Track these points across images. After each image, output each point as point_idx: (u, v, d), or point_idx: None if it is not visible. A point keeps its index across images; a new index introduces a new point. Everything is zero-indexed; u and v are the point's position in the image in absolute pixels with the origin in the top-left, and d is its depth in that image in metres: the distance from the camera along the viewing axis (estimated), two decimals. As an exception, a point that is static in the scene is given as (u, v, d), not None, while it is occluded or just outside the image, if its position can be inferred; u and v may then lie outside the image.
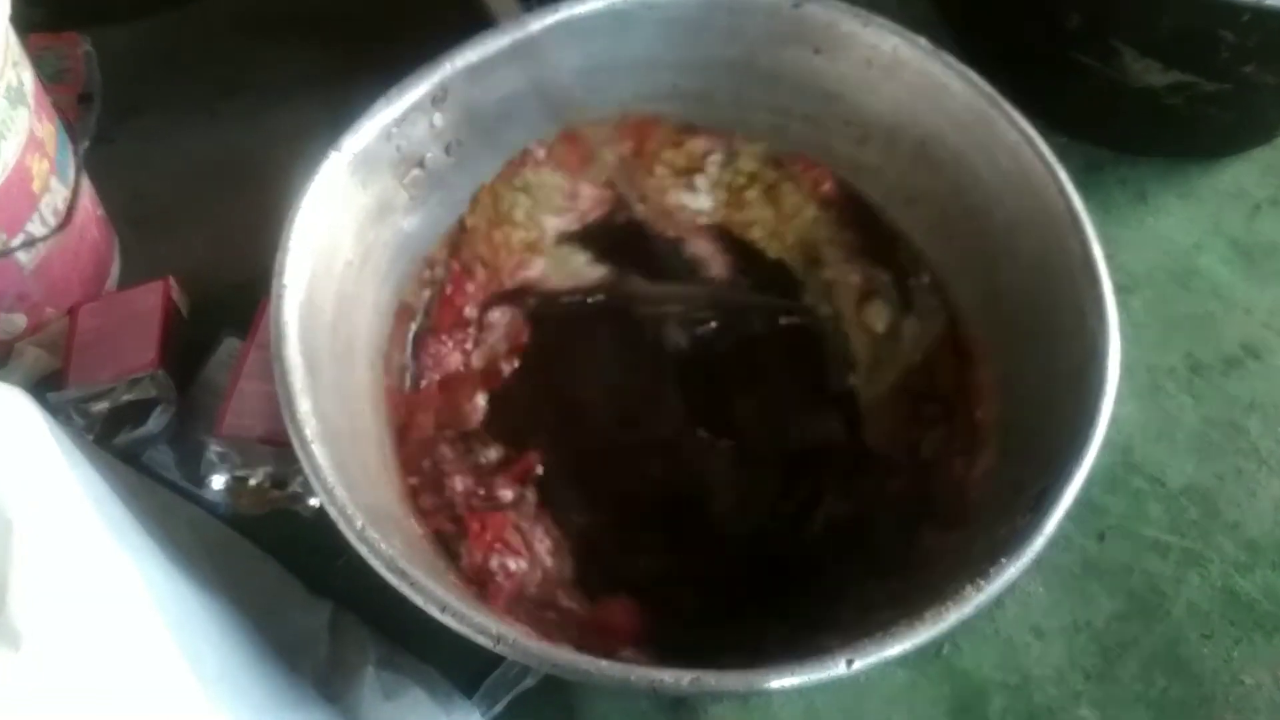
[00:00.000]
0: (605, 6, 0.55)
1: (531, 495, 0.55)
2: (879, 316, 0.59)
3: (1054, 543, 0.43)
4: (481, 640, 0.40)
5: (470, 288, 0.59)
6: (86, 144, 0.66)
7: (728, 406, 0.60)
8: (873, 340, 0.59)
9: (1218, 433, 0.65)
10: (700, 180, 0.62)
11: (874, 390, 0.59)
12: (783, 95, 0.59)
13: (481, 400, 0.58)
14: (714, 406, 0.60)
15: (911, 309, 0.59)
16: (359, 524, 0.42)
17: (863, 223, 0.60)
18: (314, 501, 0.56)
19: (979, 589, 0.41)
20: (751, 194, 0.62)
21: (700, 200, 0.62)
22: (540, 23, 0.54)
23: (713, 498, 0.57)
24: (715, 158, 0.62)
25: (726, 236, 0.62)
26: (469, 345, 0.59)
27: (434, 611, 0.41)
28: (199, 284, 0.64)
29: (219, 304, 0.63)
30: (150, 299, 0.60)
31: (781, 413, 0.60)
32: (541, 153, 0.60)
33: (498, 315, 0.60)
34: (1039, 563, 0.43)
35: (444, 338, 0.58)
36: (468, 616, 0.41)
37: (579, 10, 0.55)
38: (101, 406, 0.57)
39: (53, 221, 0.58)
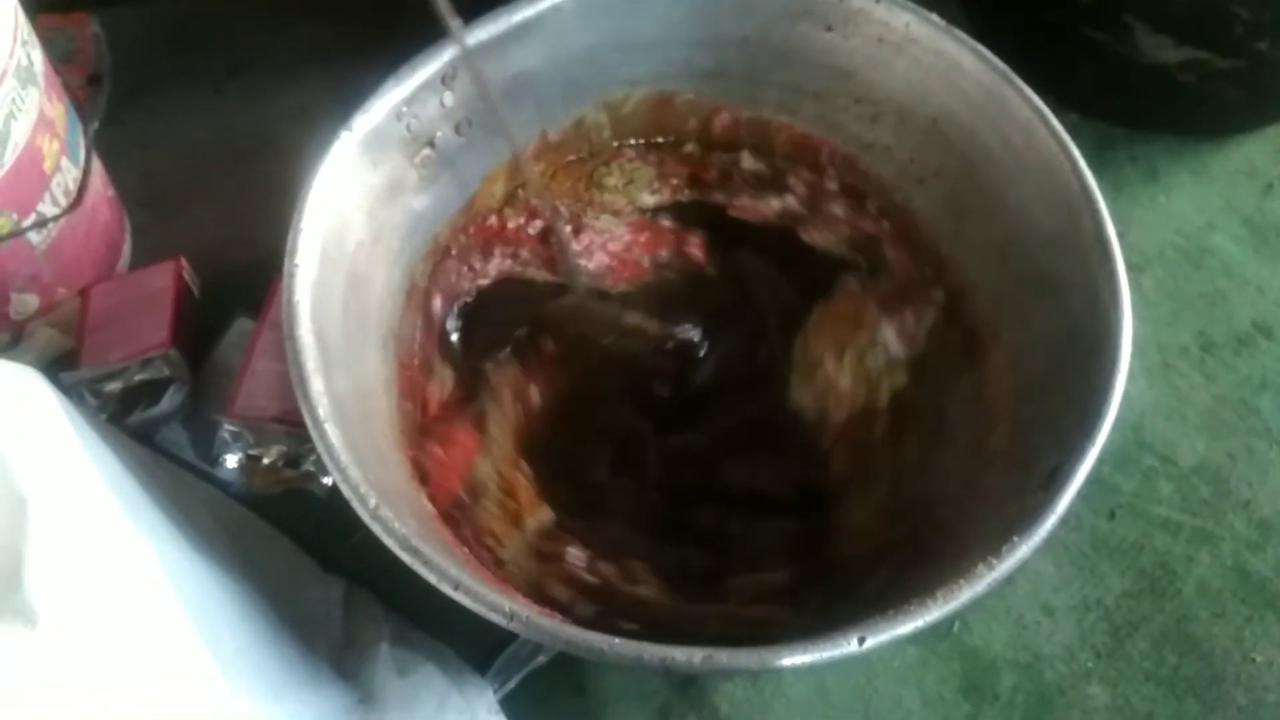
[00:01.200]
0: (616, -17, 0.55)
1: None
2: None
3: (1064, 521, 0.43)
4: (494, 617, 0.40)
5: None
6: (96, 125, 0.66)
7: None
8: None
9: (1229, 411, 0.65)
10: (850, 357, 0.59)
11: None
12: (794, 72, 0.59)
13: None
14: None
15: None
16: (372, 502, 0.42)
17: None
18: (327, 480, 0.57)
19: (991, 567, 0.41)
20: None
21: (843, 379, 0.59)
22: (550, 1, 0.54)
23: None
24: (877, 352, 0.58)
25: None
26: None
27: (447, 589, 0.41)
28: (210, 264, 0.64)
29: (230, 284, 0.63)
30: (162, 279, 0.61)
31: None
32: (554, 136, 0.60)
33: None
34: (1049, 541, 0.43)
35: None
36: (481, 594, 0.41)
37: (590, -13, 0.55)
38: (114, 386, 0.57)
39: (64, 202, 0.58)
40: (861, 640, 0.40)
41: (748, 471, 0.58)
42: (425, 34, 0.53)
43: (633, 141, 0.63)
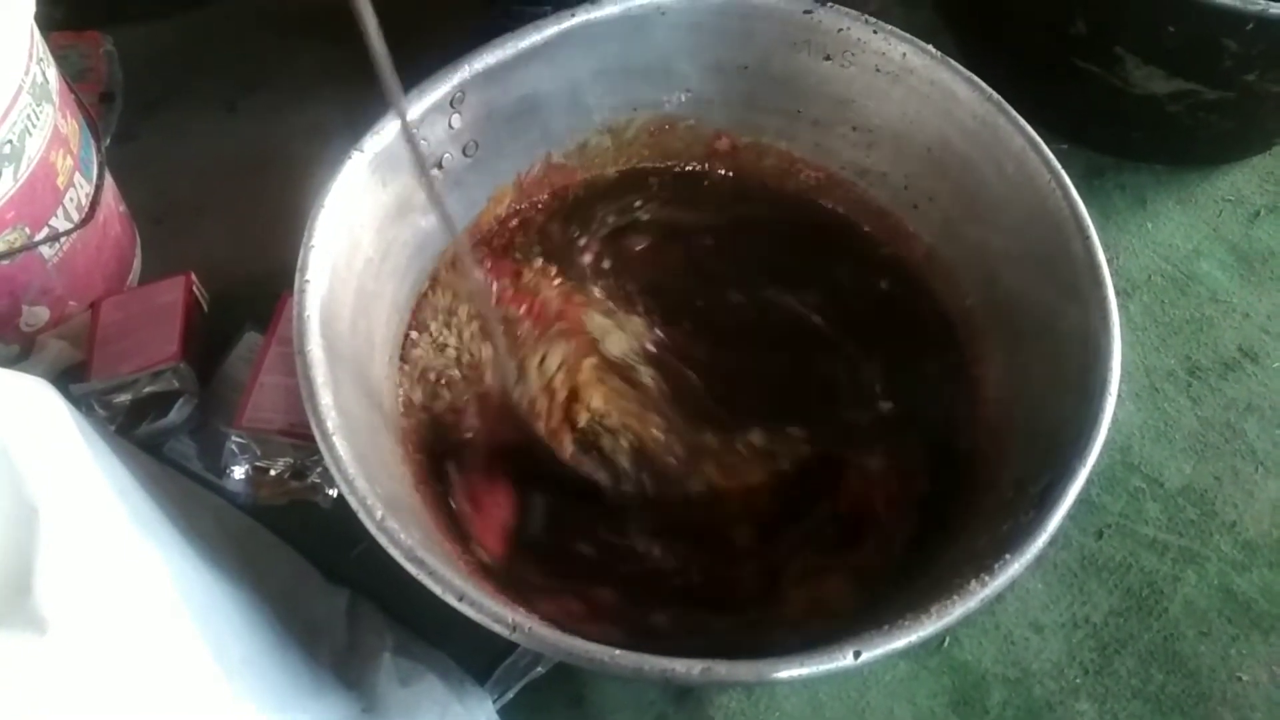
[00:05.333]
0: (621, 12, 0.56)
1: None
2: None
3: (1054, 540, 0.44)
4: (497, 628, 0.41)
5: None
6: (108, 141, 0.67)
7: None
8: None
9: (1215, 434, 0.67)
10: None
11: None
12: (793, 100, 0.60)
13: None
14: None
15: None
16: (379, 514, 0.43)
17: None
18: (332, 492, 0.57)
19: (983, 583, 0.42)
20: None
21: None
22: (557, 27, 0.55)
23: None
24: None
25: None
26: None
27: (451, 600, 0.41)
28: (219, 279, 0.65)
29: (239, 299, 0.64)
30: (172, 293, 0.61)
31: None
32: (558, 158, 0.61)
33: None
34: (1039, 559, 0.44)
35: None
36: (485, 605, 0.41)
37: (595, 15, 0.56)
38: (124, 398, 0.58)
39: (76, 216, 0.59)
40: (857, 654, 0.41)
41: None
42: (435, 58, 0.54)
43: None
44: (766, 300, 0.62)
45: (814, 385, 0.59)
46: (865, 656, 0.41)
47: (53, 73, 0.57)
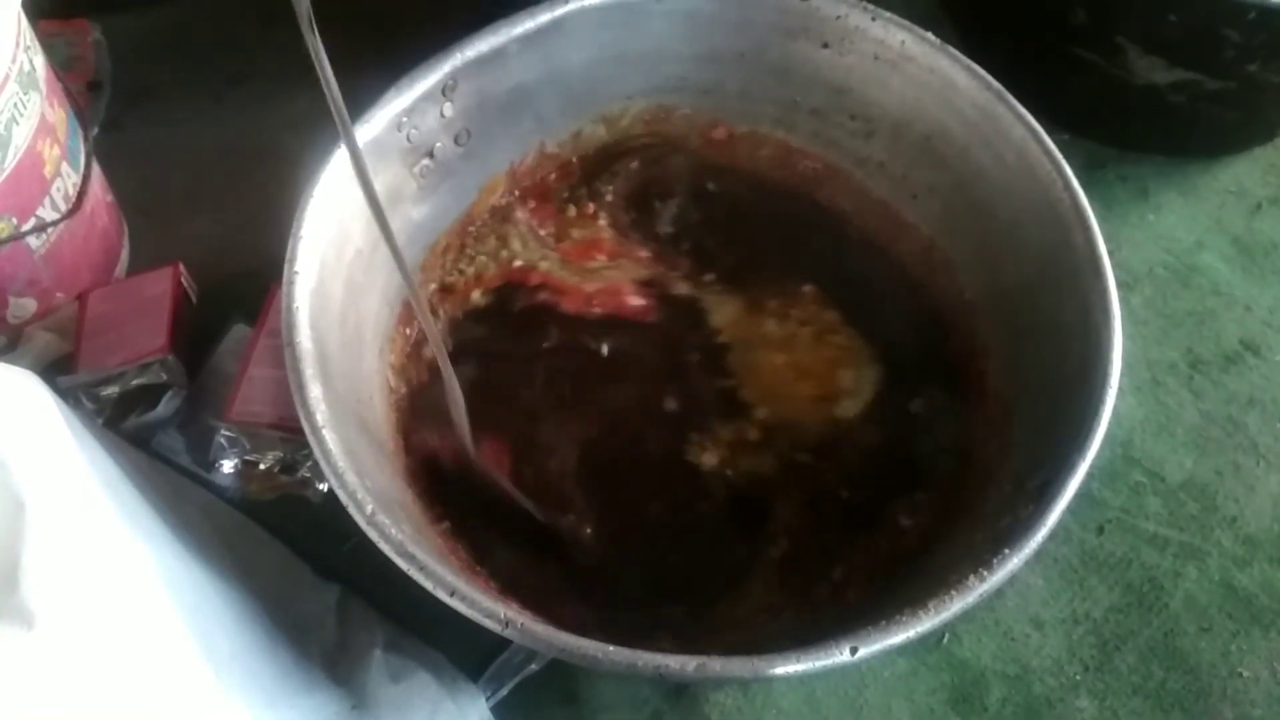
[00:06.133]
0: (616, -1, 0.56)
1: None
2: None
3: (1053, 535, 0.44)
4: (489, 624, 0.41)
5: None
6: (96, 131, 0.67)
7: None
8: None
9: (1217, 428, 0.66)
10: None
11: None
12: (791, 88, 0.60)
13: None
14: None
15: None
16: (369, 509, 0.42)
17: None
18: (323, 486, 0.57)
19: (981, 579, 0.42)
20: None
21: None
22: (551, 14, 0.55)
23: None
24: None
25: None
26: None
27: (443, 595, 0.41)
28: (208, 271, 0.64)
29: (228, 291, 0.63)
30: (160, 285, 0.61)
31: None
32: (552, 148, 0.60)
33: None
34: (1039, 555, 0.44)
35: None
36: (477, 601, 0.41)
37: (589, 1, 0.55)
38: (111, 391, 0.57)
39: (63, 207, 0.58)
40: (853, 650, 0.40)
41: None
42: (426, 45, 0.53)
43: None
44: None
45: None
46: (862, 652, 0.40)
47: (40, 61, 0.56)
